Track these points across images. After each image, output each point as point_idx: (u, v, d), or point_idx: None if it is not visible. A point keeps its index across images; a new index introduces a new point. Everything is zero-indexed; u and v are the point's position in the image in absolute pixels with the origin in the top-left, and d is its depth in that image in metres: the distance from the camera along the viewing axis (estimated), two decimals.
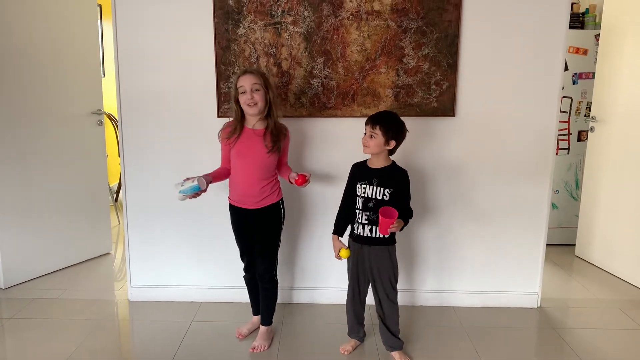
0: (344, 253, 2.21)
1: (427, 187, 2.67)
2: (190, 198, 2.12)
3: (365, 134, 2.16)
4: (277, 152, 2.23)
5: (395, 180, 2.16)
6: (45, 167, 3.14)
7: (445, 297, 2.79)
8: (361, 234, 2.19)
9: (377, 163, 2.19)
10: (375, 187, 2.14)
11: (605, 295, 2.99)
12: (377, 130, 2.10)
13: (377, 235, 2.16)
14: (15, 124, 2.96)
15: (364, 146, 2.16)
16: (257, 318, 2.48)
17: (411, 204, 2.20)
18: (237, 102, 2.20)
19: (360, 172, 2.23)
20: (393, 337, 2.25)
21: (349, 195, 2.25)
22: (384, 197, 2.13)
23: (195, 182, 2.08)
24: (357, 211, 2.20)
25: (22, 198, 3.03)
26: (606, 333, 2.53)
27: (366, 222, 2.17)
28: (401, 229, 2.13)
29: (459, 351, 2.34)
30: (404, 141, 2.19)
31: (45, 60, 3.08)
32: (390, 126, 2.11)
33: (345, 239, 2.29)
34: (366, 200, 2.16)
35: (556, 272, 3.33)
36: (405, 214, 2.16)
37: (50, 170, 3.17)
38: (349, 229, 2.28)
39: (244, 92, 2.15)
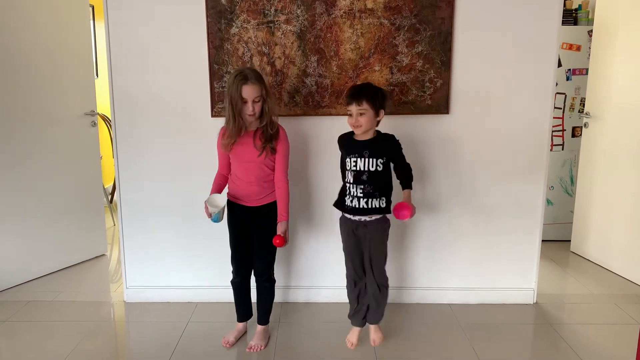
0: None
1: (422, 184, 2.66)
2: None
3: (350, 115, 2.10)
4: (271, 152, 2.21)
5: (386, 147, 2.14)
6: (39, 169, 3.12)
7: (441, 294, 2.79)
8: (356, 206, 2.15)
9: (365, 135, 2.15)
10: (367, 159, 2.11)
11: (600, 291, 3.00)
12: (365, 105, 2.06)
13: (373, 206, 2.13)
14: (8, 126, 2.94)
15: (356, 127, 2.10)
16: (242, 325, 2.45)
17: None
18: (233, 105, 2.13)
19: (348, 145, 2.19)
20: (377, 316, 2.29)
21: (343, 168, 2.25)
22: (377, 167, 2.11)
23: (216, 211, 2.20)
24: (348, 184, 2.17)
25: (16, 200, 3.01)
26: (602, 328, 2.54)
27: (361, 194, 2.13)
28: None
29: (456, 348, 2.34)
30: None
31: (38, 62, 3.06)
32: (375, 96, 2.08)
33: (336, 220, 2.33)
34: (358, 173, 2.13)
35: (552, 268, 3.34)
36: (407, 176, 2.18)
37: (45, 172, 3.15)
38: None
39: (245, 102, 2.13)
